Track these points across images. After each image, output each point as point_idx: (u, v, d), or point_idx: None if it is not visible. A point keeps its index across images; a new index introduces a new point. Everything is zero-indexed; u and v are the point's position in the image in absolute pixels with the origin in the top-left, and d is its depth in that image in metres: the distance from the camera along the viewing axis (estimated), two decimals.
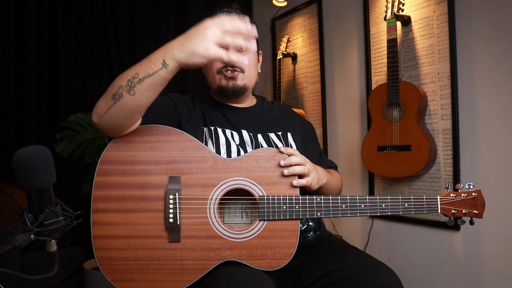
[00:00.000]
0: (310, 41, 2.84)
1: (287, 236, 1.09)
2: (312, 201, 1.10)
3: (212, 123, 1.26)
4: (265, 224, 1.09)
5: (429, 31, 2.06)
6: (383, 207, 1.12)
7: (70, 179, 2.97)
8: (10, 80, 2.84)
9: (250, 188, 1.10)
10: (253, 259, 1.07)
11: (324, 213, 1.10)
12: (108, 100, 1.01)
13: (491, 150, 1.85)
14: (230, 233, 1.08)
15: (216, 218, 1.09)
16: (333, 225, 2.67)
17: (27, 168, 0.71)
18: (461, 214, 1.14)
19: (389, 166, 2.06)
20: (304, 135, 1.37)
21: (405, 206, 1.13)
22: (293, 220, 1.09)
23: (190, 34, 0.94)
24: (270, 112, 1.38)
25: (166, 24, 3.22)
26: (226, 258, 1.08)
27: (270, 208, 1.09)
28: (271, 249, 1.08)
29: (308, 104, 2.87)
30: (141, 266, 1.07)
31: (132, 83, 0.96)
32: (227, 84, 1.26)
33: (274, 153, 1.11)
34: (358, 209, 1.12)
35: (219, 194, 1.09)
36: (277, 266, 1.07)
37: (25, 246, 0.71)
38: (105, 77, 3.08)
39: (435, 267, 2.07)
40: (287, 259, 1.08)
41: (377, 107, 2.11)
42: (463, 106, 1.94)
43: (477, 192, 1.15)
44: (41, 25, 2.93)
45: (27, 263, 2.09)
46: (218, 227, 1.08)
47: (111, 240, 1.07)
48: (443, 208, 1.15)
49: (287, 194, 1.10)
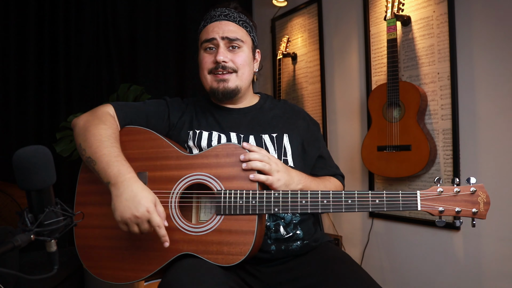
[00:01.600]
0: (310, 41, 2.84)
1: (243, 232, 1.06)
2: (270, 196, 1.06)
3: (198, 127, 1.26)
4: (222, 219, 1.08)
5: (429, 31, 2.06)
6: (349, 203, 1.02)
7: (70, 179, 2.96)
8: (10, 80, 2.84)
9: (209, 183, 1.10)
10: (209, 254, 1.07)
11: (282, 209, 1.05)
12: (79, 135, 1.19)
13: (491, 150, 1.85)
14: (188, 227, 1.10)
15: (176, 212, 1.11)
16: (333, 225, 2.67)
17: (27, 168, 0.71)
18: (452, 212, 0.96)
19: (389, 166, 2.06)
20: (306, 136, 1.32)
21: (376, 202, 1.01)
22: (249, 215, 1.06)
23: (134, 200, 1.04)
24: (271, 112, 1.34)
25: (166, 24, 3.22)
26: (183, 251, 1.09)
27: (226, 202, 1.07)
28: (227, 244, 1.06)
29: (308, 104, 2.87)
30: (111, 254, 1.15)
31: (90, 163, 1.12)
32: (218, 86, 1.25)
33: (234, 148, 1.11)
34: (320, 205, 1.04)
35: (180, 189, 1.12)
36: (232, 262, 1.05)
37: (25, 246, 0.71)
38: (105, 77, 3.08)
39: (435, 267, 2.07)
40: (243, 255, 1.04)
41: (377, 107, 2.11)
42: (463, 106, 1.94)
43: (478, 188, 0.96)
44: (41, 25, 2.93)
45: (27, 263, 2.09)
46: (178, 221, 1.11)
47: (88, 229, 1.18)
48: (425, 205, 0.97)
49: (245, 189, 1.07)
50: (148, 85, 2.99)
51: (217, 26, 1.25)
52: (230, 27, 1.25)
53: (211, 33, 1.24)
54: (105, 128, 1.15)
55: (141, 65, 3.13)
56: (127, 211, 1.02)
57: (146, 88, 2.78)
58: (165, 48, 3.20)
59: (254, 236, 1.05)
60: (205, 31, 1.27)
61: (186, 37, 3.23)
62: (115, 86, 2.98)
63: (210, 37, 1.24)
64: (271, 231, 1.17)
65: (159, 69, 3.20)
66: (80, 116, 1.24)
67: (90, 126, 1.16)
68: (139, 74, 3.12)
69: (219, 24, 1.25)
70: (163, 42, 3.20)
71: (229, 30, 1.24)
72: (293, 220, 1.20)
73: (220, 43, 1.23)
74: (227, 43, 1.24)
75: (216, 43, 1.24)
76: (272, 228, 1.17)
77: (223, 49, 1.23)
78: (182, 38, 3.24)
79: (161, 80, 3.18)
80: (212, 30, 1.25)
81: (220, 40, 1.23)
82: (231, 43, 1.24)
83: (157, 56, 3.19)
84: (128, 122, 1.25)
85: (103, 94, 3.03)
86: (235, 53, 1.25)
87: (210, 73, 1.26)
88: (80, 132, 1.18)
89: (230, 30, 1.24)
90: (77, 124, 1.21)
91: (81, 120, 1.21)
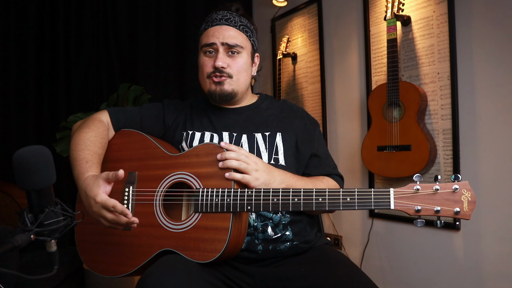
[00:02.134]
0: (310, 41, 2.84)
1: (218, 229, 1.07)
2: (243, 194, 1.07)
3: (191, 128, 1.30)
4: (200, 216, 1.10)
5: (429, 31, 2.06)
6: (319, 201, 1.00)
7: (70, 179, 2.96)
8: (10, 80, 2.84)
9: (190, 181, 1.14)
10: (188, 250, 1.09)
11: (254, 207, 1.05)
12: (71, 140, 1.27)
13: (491, 150, 1.85)
14: (170, 224, 1.14)
15: (160, 209, 1.16)
16: (333, 225, 2.67)
17: (27, 168, 0.71)
18: (431, 212, 0.90)
19: (389, 166, 2.06)
20: (301, 135, 1.30)
21: (347, 201, 0.98)
22: (224, 213, 1.07)
23: (87, 196, 1.09)
24: (267, 111, 1.34)
25: (166, 24, 3.22)
26: (165, 247, 1.12)
27: (204, 200, 1.09)
28: (203, 241, 1.08)
29: (308, 104, 2.87)
30: (104, 249, 1.22)
31: None
32: (215, 89, 1.27)
33: (214, 148, 1.13)
34: (291, 203, 1.03)
35: (164, 187, 1.17)
36: (208, 259, 1.06)
37: (25, 246, 0.71)
38: (105, 77, 3.08)
39: (435, 267, 2.07)
40: (217, 252, 1.06)
41: (377, 107, 2.11)
42: (463, 106, 1.94)
43: (461, 185, 0.89)
44: (41, 25, 2.93)
45: (27, 263, 2.09)
46: (161, 218, 1.15)
47: (85, 225, 1.25)
48: (399, 203, 0.91)
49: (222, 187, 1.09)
50: (148, 85, 2.99)
51: (217, 30, 1.26)
52: (230, 33, 1.26)
53: (212, 37, 1.26)
54: (86, 132, 1.23)
55: (141, 65, 3.13)
56: (88, 209, 1.09)
57: (146, 88, 2.78)
58: (165, 48, 3.20)
59: (228, 234, 1.06)
60: (206, 34, 1.29)
61: (186, 37, 3.23)
62: (115, 86, 2.98)
63: (210, 42, 1.26)
64: (258, 231, 1.17)
65: (159, 69, 3.19)
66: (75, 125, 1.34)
67: (75, 132, 1.26)
68: (139, 74, 3.11)
69: (220, 29, 1.26)
70: (163, 42, 3.20)
71: (229, 35, 1.26)
72: (282, 221, 1.19)
73: (220, 49, 1.26)
74: (226, 48, 1.26)
75: (216, 48, 1.26)
76: (260, 229, 1.17)
77: (222, 55, 1.25)
78: (182, 38, 3.23)
79: (161, 80, 3.18)
80: (212, 34, 1.27)
81: (220, 46, 1.25)
82: (231, 48, 1.26)
83: (157, 56, 3.19)
84: (122, 126, 1.33)
85: (103, 94, 3.03)
86: (233, 59, 1.27)
87: (209, 77, 1.28)
88: (71, 137, 1.28)
89: (231, 36, 1.26)
90: (72, 129, 1.33)
91: (75, 126, 1.33)
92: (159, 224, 1.14)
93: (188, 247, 1.09)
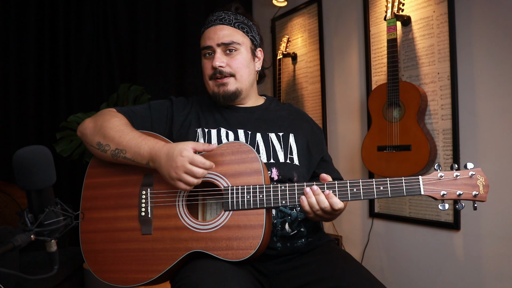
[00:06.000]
0: (310, 41, 2.84)
1: (252, 226, 1.07)
2: (277, 189, 1.08)
3: (206, 125, 1.28)
4: (230, 214, 1.09)
5: (429, 31, 2.06)
6: (354, 191, 1.04)
7: (70, 179, 2.97)
8: (10, 80, 2.84)
9: (216, 180, 1.13)
10: (219, 250, 1.08)
11: (289, 201, 1.07)
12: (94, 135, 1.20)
13: (491, 150, 1.85)
14: (197, 225, 1.11)
15: (184, 211, 1.13)
16: (333, 225, 2.67)
17: (27, 168, 0.71)
18: (454, 196, 0.99)
19: (389, 166, 2.06)
20: (311, 138, 1.34)
21: (380, 189, 1.03)
22: (257, 209, 1.08)
23: (170, 156, 1.07)
24: (277, 112, 1.36)
25: (166, 24, 3.22)
26: (193, 249, 1.09)
27: (234, 198, 1.09)
28: (236, 239, 1.07)
29: (308, 104, 2.87)
30: (118, 257, 1.16)
31: (118, 154, 1.15)
32: (218, 90, 1.28)
33: (239, 146, 1.13)
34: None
35: None
36: (242, 257, 1.06)
37: (25, 246, 0.71)
38: (105, 77, 3.08)
39: (435, 267, 2.07)
40: (252, 249, 1.06)
41: (377, 107, 2.11)
42: (463, 106, 1.94)
43: (476, 172, 1.00)
44: (41, 25, 2.93)
45: (27, 263, 2.09)
46: (186, 219, 1.12)
47: (95, 234, 1.19)
48: (428, 189, 1.00)
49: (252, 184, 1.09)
50: (148, 85, 2.99)
51: (212, 31, 1.28)
52: (224, 31, 1.28)
53: (208, 40, 1.29)
54: (119, 119, 1.21)
55: (141, 65, 3.13)
56: (170, 171, 1.06)
57: (146, 88, 2.78)
58: (165, 48, 3.20)
59: (263, 230, 1.06)
60: (203, 37, 1.32)
61: (186, 37, 3.23)
62: (115, 86, 2.99)
63: (206, 45, 1.29)
64: (277, 228, 1.19)
65: (159, 69, 3.19)
66: (84, 122, 1.26)
67: (103, 123, 1.20)
68: (139, 74, 3.12)
69: (214, 29, 1.28)
70: (163, 42, 3.20)
71: (224, 34, 1.27)
72: (298, 218, 1.22)
73: (217, 50, 1.27)
74: (224, 48, 1.27)
75: (213, 49, 1.28)
76: (279, 226, 1.19)
77: (219, 54, 1.27)
78: (182, 38, 3.23)
79: (161, 80, 3.18)
80: (208, 37, 1.29)
81: (216, 47, 1.27)
82: (227, 47, 1.27)
83: (157, 56, 3.19)
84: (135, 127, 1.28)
85: (103, 94, 3.03)
86: (232, 57, 1.27)
87: (211, 79, 1.29)
88: (95, 132, 1.20)
89: (225, 35, 1.27)
90: (87, 127, 1.23)
91: (89, 123, 1.24)
92: (184, 226, 1.12)
93: (219, 247, 1.08)
